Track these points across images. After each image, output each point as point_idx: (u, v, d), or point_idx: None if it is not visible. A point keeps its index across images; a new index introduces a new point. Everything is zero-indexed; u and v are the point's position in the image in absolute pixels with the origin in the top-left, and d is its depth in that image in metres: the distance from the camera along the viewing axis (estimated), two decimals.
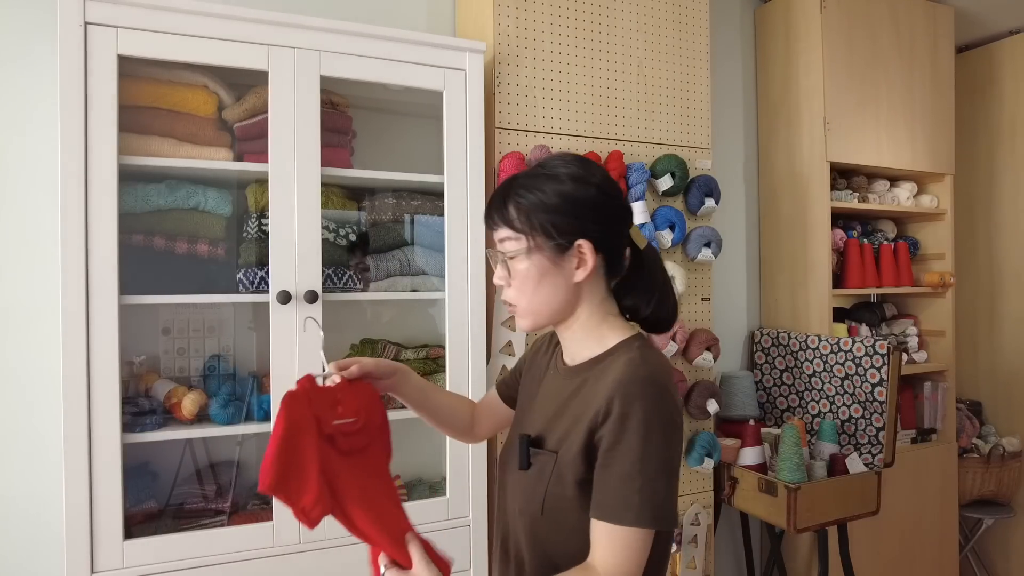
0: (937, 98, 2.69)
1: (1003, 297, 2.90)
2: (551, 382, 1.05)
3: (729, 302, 2.65)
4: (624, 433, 0.86)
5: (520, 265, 0.95)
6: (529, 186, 0.96)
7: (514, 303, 0.98)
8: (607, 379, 0.91)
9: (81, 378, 1.37)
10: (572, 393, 0.98)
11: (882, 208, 2.65)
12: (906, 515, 2.51)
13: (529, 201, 0.94)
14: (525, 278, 0.95)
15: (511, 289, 0.98)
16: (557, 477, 0.93)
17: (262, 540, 1.53)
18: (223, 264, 1.64)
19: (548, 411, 1.00)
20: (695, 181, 2.14)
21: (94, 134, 1.39)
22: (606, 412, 0.88)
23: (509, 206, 0.95)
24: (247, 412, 1.62)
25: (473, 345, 1.75)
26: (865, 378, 2.14)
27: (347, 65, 1.63)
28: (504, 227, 0.96)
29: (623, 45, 2.08)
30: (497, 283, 0.99)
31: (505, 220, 0.95)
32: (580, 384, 0.97)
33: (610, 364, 0.94)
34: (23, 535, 1.64)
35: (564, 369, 1.03)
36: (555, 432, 0.97)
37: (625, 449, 0.86)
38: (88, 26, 1.39)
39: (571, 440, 0.92)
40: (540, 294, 0.95)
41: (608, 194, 0.97)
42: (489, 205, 1.00)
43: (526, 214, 0.94)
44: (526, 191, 0.95)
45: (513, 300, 0.98)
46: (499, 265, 0.98)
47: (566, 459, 0.92)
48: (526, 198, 0.95)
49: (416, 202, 1.86)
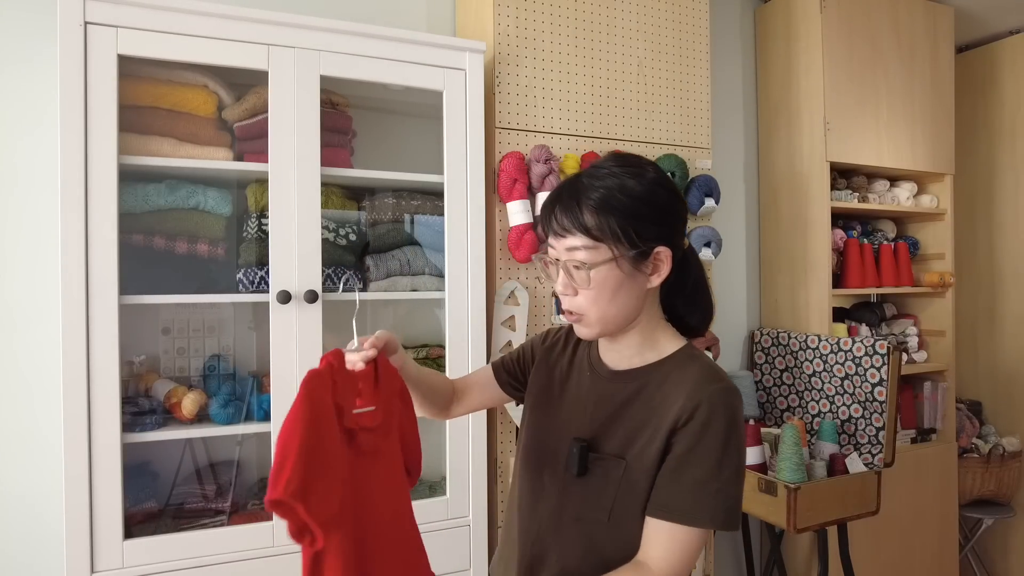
0: (937, 98, 2.69)
1: (1003, 297, 2.90)
2: (590, 385, 1.00)
3: (729, 302, 2.65)
4: (704, 438, 0.88)
5: (597, 275, 0.89)
6: (605, 190, 0.89)
7: (583, 312, 0.92)
8: (682, 385, 0.91)
9: (81, 378, 1.37)
10: (629, 398, 0.95)
11: (882, 208, 2.65)
12: (906, 515, 2.51)
13: (609, 206, 0.88)
14: (601, 288, 0.90)
15: (580, 298, 0.92)
16: (628, 484, 0.92)
17: (262, 540, 1.53)
18: (223, 264, 1.64)
19: (596, 415, 0.97)
20: (695, 181, 2.14)
21: (94, 134, 1.39)
22: (688, 417, 0.89)
23: (584, 212, 0.89)
24: (247, 412, 1.62)
25: (473, 345, 1.75)
26: (865, 378, 2.14)
27: (347, 65, 1.63)
28: (578, 234, 0.89)
29: (623, 45, 2.08)
30: (561, 292, 0.93)
31: (580, 227, 0.89)
32: (638, 389, 0.95)
33: (674, 370, 0.94)
34: (23, 535, 1.64)
35: (608, 372, 0.99)
36: (612, 437, 0.95)
37: (703, 453, 0.88)
38: (88, 26, 1.39)
39: (642, 446, 0.91)
40: (616, 304, 0.91)
41: (680, 196, 0.96)
42: (553, 210, 0.92)
43: (606, 221, 0.88)
44: (604, 196, 0.89)
45: (582, 310, 0.92)
46: (562, 273, 0.92)
47: (640, 466, 0.91)
48: (606, 203, 0.89)
49: (416, 202, 1.86)
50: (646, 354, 0.97)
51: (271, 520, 1.54)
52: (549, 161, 1.88)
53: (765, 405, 2.50)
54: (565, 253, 0.91)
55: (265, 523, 1.54)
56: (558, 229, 0.91)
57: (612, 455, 0.93)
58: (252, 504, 1.67)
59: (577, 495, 0.95)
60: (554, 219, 0.92)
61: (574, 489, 0.95)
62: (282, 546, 1.54)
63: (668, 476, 0.89)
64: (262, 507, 1.63)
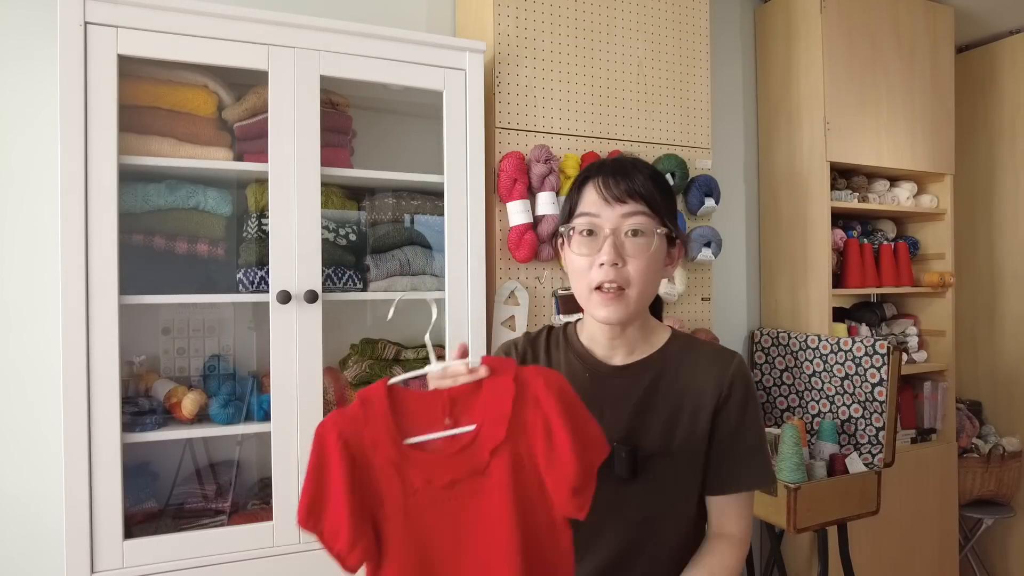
0: (937, 98, 2.69)
1: (1003, 297, 2.90)
2: (592, 386, 0.98)
3: (729, 302, 2.65)
4: (748, 410, 0.95)
5: (649, 245, 0.90)
6: (652, 170, 0.94)
7: (630, 284, 0.91)
8: (704, 366, 0.96)
9: (81, 378, 1.37)
10: (650, 389, 0.96)
11: (882, 208, 2.65)
12: (906, 515, 2.51)
13: (662, 185, 0.94)
14: (652, 260, 0.91)
15: (629, 268, 0.90)
16: (676, 476, 0.95)
17: (262, 540, 1.53)
18: (223, 264, 1.64)
19: (619, 414, 0.96)
20: (695, 181, 2.14)
21: (94, 134, 1.39)
22: (727, 395, 0.94)
23: (645, 180, 0.92)
24: (247, 412, 1.61)
25: (473, 345, 1.75)
26: (865, 378, 2.14)
27: (347, 65, 1.63)
28: (640, 202, 0.91)
29: (623, 45, 2.08)
30: (610, 262, 0.89)
31: (647, 194, 0.91)
32: (654, 379, 0.96)
33: (683, 354, 0.98)
34: (23, 535, 1.64)
35: (610, 369, 0.99)
36: (649, 431, 0.95)
37: (750, 423, 0.96)
38: (88, 26, 1.38)
39: (685, 432, 0.94)
40: (653, 282, 0.94)
41: None
42: (603, 178, 0.92)
43: (662, 197, 0.93)
44: (655, 173, 0.94)
45: (629, 281, 0.90)
46: (610, 241, 0.90)
47: (688, 450, 0.94)
48: (658, 180, 0.93)
49: (416, 202, 1.86)
50: (644, 345, 0.99)
51: (271, 520, 1.53)
52: (549, 161, 1.88)
53: (765, 405, 2.50)
54: (620, 220, 0.91)
55: (265, 523, 1.54)
56: (616, 194, 0.91)
57: (658, 450, 0.95)
58: (252, 504, 1.67)
59: (636, 497, 0.95)
60: (608, 186, 0.91)
61: (630, 492, 0.94)
62: (282, 546, 1.54)
63: (726, 452, 0.95)
64: (262, 507, 1.63)
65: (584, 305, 0.96)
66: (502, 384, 0.75)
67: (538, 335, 1.07)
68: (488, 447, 0.73)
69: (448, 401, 0.75)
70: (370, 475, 0.72)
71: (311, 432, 0.73)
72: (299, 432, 1.55)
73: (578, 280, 0.94)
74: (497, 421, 0.74)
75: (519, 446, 0.74)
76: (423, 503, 0.72)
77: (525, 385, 0.75)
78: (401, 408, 0.75)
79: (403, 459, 0.72)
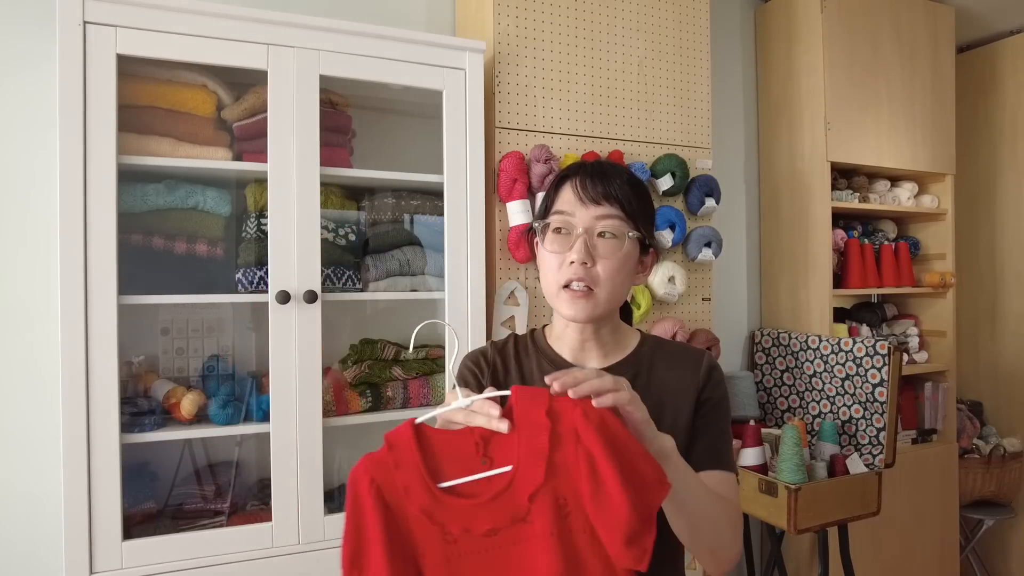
0: (938, 98, 2.69)
1: (1004, 297, 2.89)
2: None
3: (729, 302, 2.64)
4: (723, 398, 1.00)
5: (620, 248, 0.93)
6: (631, 176, 0.96)
7: (598, 284, 0.92)
8: (679, 361, 1.00)
9: (80, 378, 1.37)
10: None
11: (883, 208, 2.64)
12: (907, 516, 2.51)
13: (639, 190, 0.96)
14: (623, 263, 0.93)
15: (599, 269, 0.92)
16: None
17: (261, 541, 1.52)
18: (222, 264, 1.64)
19: None
20: (695, 181, 2.14)
21: (93, 133, 1.39)
22: (706, 378, 0.99)
23: (623, 185, 0.94)
24: (246, 412, 1.61)
25: (473, 346, 1.75)
26: (866, 378, 2.13)
27: (347, 65, 1.62)
28: (614, 205, 0.93)
29: (623, 45, 2.08)
30: (580, 260, 0.91)
31: (623, 198, 0.93)
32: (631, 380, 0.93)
33: (654, 355, 1.01)
34: (22, 535, 1.64)
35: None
36: None
37: (724, 410, 1.00)
38: (87, 25, 1.38)
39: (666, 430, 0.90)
40: (623, 285, 0.95)
41: None
42: (581, 179, 0.94)
43: (638, 203, 0.95)
44: (634, 180, 0.96)
45: (598, 282, 0.92)
46: (582, 241, 0.92)
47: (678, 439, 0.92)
48: (637, 186, 0.95)
49: (416, 202, 1.85)
50: (617, 349, 1.01)
51: (270, 521, 1.53)
52: (549, 161, 1.88)
53: (765, 406, 2.50)
54: (593, 221, 0.93)
55: (264, 524, 1.53)
56: (592, 195, 0.93)
57: None
58: (251, 505, 1.67)
59: None
60: (585, 187, 0.93)
61: None
62: (281, 547, 1.53)
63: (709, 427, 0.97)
64: (261, 508, 1.63)
65: (552, 302, 0.97)
66: (535, 418, 0.68)
67: (505, 344, 1.05)
68: (526, 492, 0.67)
69: (480, 440, 0.70)
70: (407, 523, 0.67)
71: (311, 432, 0.72)
72: (298, 432, 1.54)
73: (548, 277, 0.95)
74: (534, 462, 0.67)
75: (560, 488, 0.67)
76: (465, 551, 0.67)
77: (559, 418, 0.69)
78: (430, 450, 0.70)
79: (437, 505, 0.68)
